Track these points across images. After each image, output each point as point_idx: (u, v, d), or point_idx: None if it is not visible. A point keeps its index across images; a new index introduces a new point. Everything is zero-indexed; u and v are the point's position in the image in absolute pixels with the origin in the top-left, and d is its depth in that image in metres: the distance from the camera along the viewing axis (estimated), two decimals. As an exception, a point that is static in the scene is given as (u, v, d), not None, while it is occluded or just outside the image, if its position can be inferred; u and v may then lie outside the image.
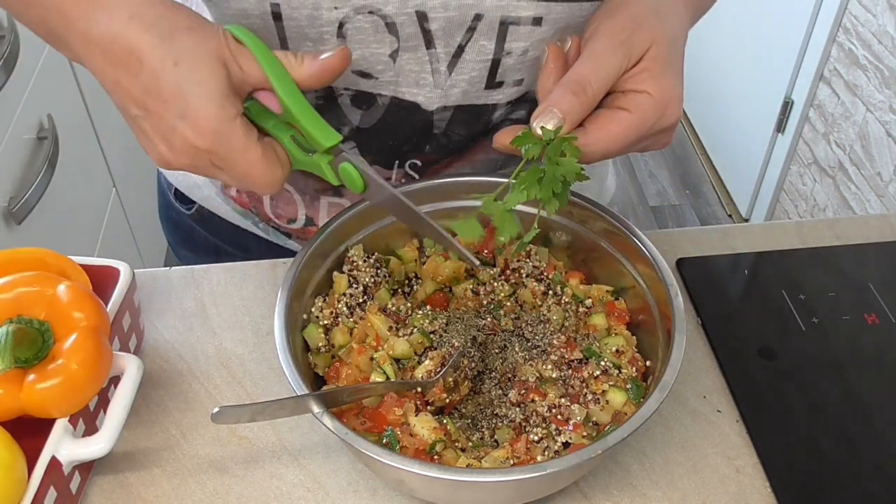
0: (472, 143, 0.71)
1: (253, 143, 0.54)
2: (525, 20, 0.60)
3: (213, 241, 0.87)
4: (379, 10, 0.59)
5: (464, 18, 0.60)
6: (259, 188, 0.56)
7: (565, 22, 0.62)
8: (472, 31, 0.61)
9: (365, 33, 0.60)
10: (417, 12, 0.59)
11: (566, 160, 0.55)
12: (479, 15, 0.60)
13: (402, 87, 0.65)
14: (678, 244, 0.82)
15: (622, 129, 0.56)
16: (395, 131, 0.68)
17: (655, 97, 0.56)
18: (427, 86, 0.65)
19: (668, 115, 0.57)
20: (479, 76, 0.64)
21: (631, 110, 0.56)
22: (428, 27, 0.60)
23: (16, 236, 1.30)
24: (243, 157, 0.54)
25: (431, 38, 0.61)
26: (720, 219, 2.58)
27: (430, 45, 0.62)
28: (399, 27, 0.60)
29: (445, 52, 0.62)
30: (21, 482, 0.54)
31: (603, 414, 0.59)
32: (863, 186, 1.93)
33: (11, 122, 1.32)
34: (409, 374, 0.60)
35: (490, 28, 0.61)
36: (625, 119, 0.56)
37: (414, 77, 0.64)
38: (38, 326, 0.58)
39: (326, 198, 0.76)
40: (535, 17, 0.60)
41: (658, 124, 0.57)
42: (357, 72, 0.64)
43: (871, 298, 0.77)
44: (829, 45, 2.01)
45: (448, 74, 0.64)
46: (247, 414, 0.54)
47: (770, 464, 0.63)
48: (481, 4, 0.59)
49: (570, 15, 0.61)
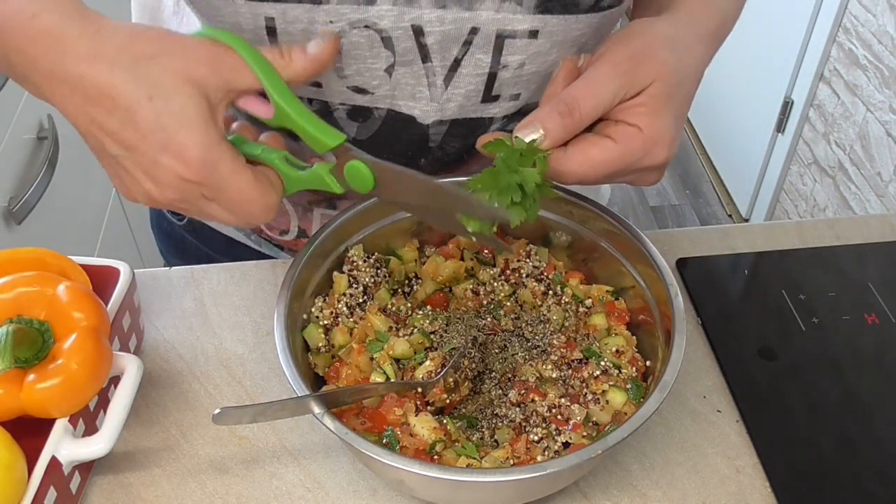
0: (467, 157, 0.71)
1: (242, 166, 0.52)
2: (521, 33, 0.60)
3: (204, 251, 0.87)
4: (374, 24, 0.58)
5: (460, 32, 0.59)
6: (253, 216, 0.54)
7: (562, 35, 0.61)
8: (469, 44, 0.60)
9: (360, 48, 0.60)
10: (413, 26, 0.59)
11: (526, 170, 0.54)
12: (475, 28, 0.59)
13: (398, 100, 0.64)
14: (678, 244, 0.82)
15: (603, 157, 0.55)
16: (391, 144, 0.68)
17: (645, 134, 0.55)
18: (423, 99, 0.64)
19: (654, 154, 0.56)
20: (476, 90, 0.64)
21: (617, 141, 0.55)
22: (424, 41, 0.60)
23: (16, 236, 1.29)
24: (234, 182, 0.51)
25: (428, 52, 0.61)
26: (720, 219, 2.58)
27: (427, 59, 0.61)
28: (395, 42, 0.59)
29: (442, 66, 0.62)
30: (21, 482, 0.54)
31: (603, 414, 0.59)
32: (863, 186, 1.93)
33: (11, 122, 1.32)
34: (409, 374, 0.60)
35: (486, 41, 0.60)
36: (608, 148, 0.55)
37: (410, 91, 0.63)
38: (38, 326, 0.58)
39: (319, 209, 0.76)
40: (532, 31, 0.60)
41: (643, 161, 0.56)
42: (353, 87, 0.63)
43: (871, 298, 0.77)
44: (829, 45, 2.01)
45: (444, 88, 0.63)
46: (248, 415, 0.54)
47: (770, 464, 0.63)
48: (477, 18, 0.59)
49: (566, 28, 0.61)
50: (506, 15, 0.59)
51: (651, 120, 0.55)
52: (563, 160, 0.55)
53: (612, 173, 0.56)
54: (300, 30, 0.58)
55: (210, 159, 0.50)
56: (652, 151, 0.56)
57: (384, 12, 0.57)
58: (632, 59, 0.56)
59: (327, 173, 0.56)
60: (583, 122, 0.55)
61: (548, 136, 0.55)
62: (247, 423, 0.54)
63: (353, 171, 0.55)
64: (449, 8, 0.58)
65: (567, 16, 0.60)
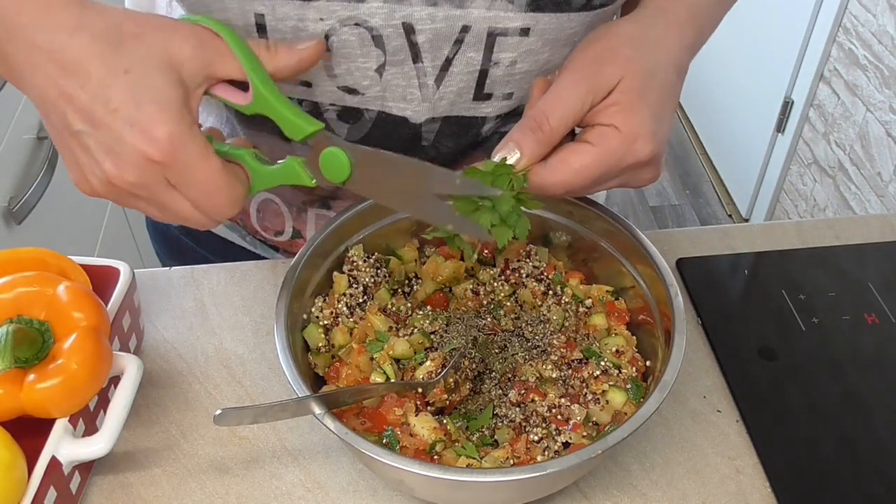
0: (461, 157, 0.71)
1: (212, 153, 0.50)
2: (513, 31, 0.60)
3: (200, 252, 0.87)
4: (365, 21, 0.58)
5: (451, 30, 0.59)
6: (219, 206, 0.52)
7: (553, 34, 0.61)
8: (460, 43, 0.60)
9: (351, 46, 0.59)
10: (404, 24, 0.58)
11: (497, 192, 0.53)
12: (466, 26, 0.59)
13: (388, 101, 0.64)
14: (678, 244, 0.82)
15: (583, 162, 0.55)
16: (383, 144, 0.67)
17: (623, 131, 0.54)
18: (415, 100, 0.64)
19: (635, 151, 0.55)
20: (468, 87, 0.64)
21: (594, 143, 0.55)
22: (415, 40, 0.59)
23: (16, 236, 1.29)
24: (202, 167, 0.50)
25: (418, 51, 0.60)
26: (720, 219, 2.58)
27: (417, 59, 0.61)
28: (385, 40, 0.59)
29: (433, 66, 0.62)
30: (21, 482, 0.54)
31: (603, 414, 0.59)
32: (863, 186, 1.93)
33: (11, 122, 1.32)
34: (409, 374, 0.60)
35: (478, 40, 0.60)
36: (587, 152, 0.55)
37: (401, 92, 0.63)
38: (38, 326, 0.58)
39: (314, 210, 0.76)
40: (523, 28, 0.60)
41: (626, 159, 0.55)
42: (343, 87, 0.63)
43: (871, 298, 0.77)
44: (829, 45, 2.01)
45: (436, 88, 0.63)
46: (249, 416, 0.54)
47: (770, 464, 0.63)
48: (468, 16, 0.58)
49: (558, 26, 0.61)
50: (497, 13, 0.58)
51: (625, 116, 0.55)
52: (543, 173, 0.55)
53: (598, 177, 0.56)
54: (290, 27, 0.58)
55: (180, 139, 0.49)
56: (632, 148, 0.55)
57: (375, 9, 0.57)
58: (594, 62, 0.55)
59: (299, 165, 0.55)
60: (554, 133, 0.55)
61: (523, 154, 0.54)
62: (248, 423, 0.54)
63: (329, 159, 0.54)
64: (440, 5, 0.58)
65: (559, 14, 0.60)
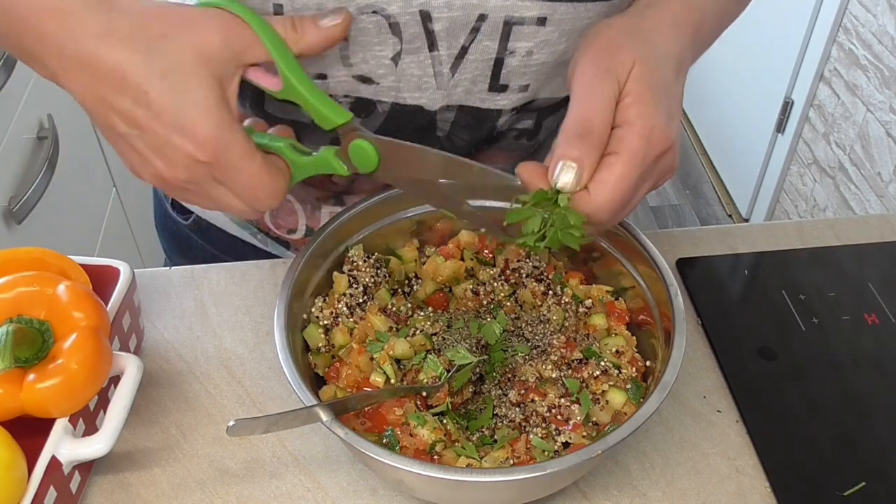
0: (475, 151, 0.71)
1: (254, 150, 0.52)
2: (529, 20, 0.60)
3: (210, 251, 0.87)
4: (383, 9, 0.58)
5: (468, 18, 0.60)
6: (261, 200, 0.54)
7: (570, 24, 0.61)
8: (476, 31, 0.60)
9: (368, 34, 0.60)
10: (421, 12, 0.59)
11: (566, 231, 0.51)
12: (483, 15, 0.59)
13: (403, 92, 0.64)
14: (678, 244, 0.82)
15: (617, 173, 0.51)
16: (398, 136, 0.68)
17: (637, 126, 0.52)
18: (429, 89, 0.64)
19: (655, 142, 0.52)
20: (483, 75, 0.64)
21: (618, 151, 0.52)
22: (431, 27, 0.60)
23: (16, 236, 1.29)
24: (246, 164, 0.52)
25: (434, 39, 0.61)
26: (720, 219, 2.58)
27: (433, 48, 0.61)
28: (402, 27, 0.60)
29: (448, 55, 0.62)
30: (21, 482, 0.54)
31: (603, 414, 0.59)
32: (863, 186, 1.93)
33: (11, 122, 1.32)
34: (410, 375, 0.60)
35: (494, 29, 0.60)
36: (615, 162, 0.52)
37: (416, 82, 0.63)
38: (38, 326, 0.58)
39: (327, 207, 0.76)
40: (540, 17, 0.60)
41: (650, 153, 0.53)
42: (357, 76, 0.63)
43: (871, 298, 0.77)
44: (829, 46, 2.01)
45: (451, 75, 0.63)
46: (261, 426, 0.53)
47: (770, 464, 0.63)
48: (485, 4, 0.59)
49: (574, 16, 0.61)
50: (514, 2, 0.59)
51: (639, 109, 0.52)
52: (588, 200, 0.52)
53: (635, 183, 0.53)
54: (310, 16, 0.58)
55: (222, 140, 0.51)
56: (651, 138, 0.52)
57: None
58: (607, 53, 0.54)
59: (333, 156, 0.57)
60: (603, 133, 0.52)
61: (583, 165, 0.51)
62: (260, 433, 0.54)
63: (357, 151, 0.56)
64: None
65: (576, 3, 0.60)
